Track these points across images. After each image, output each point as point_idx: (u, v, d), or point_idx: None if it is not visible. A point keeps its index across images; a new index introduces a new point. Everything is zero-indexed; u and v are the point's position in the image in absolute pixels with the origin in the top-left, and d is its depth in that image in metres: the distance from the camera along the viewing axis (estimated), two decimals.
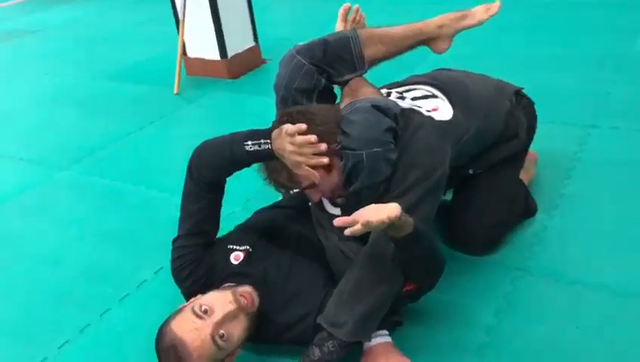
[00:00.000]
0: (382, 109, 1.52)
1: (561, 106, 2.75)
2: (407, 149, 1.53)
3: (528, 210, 2.01)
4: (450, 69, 1.96)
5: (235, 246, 1.67)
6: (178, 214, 1.66)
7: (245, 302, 1.47)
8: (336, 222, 1.30)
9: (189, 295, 1.60)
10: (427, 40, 1.84)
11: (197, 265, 1.63)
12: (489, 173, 1.87)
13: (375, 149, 1.46)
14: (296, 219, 1.76)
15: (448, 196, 1.99)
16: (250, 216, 1.90)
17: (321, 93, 1.75)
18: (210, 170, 1.58)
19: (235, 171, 1.59)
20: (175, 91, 3.60)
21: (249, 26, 3.84)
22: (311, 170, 1.45)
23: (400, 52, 1.83)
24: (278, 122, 1.53)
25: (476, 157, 1.82)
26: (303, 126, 1.42)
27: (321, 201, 1.69)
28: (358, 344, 1.51)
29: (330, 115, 1.55)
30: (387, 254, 1.45)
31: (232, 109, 3.33)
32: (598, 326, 1.57)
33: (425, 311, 1.67)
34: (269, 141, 1.48)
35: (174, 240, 1.66)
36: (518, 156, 1.93)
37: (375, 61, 1.80)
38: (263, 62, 3.94)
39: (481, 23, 1.83)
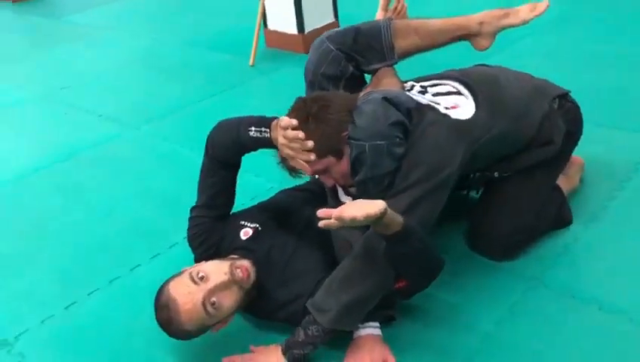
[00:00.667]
0: (393, 102, 1.51)
1: (630, 111, 2.55)
2: (415, 146, 1.51)
3: (561, 219, 1.91)
4: (488, 66, 1.89)
5: (246, 223, 1.74)
6: None
7: (240, 275, 1.54)
8: (320, 212, 1.32)
9: (200, 261, 1.69)
10: (467, 35, 1.80)
11: (208, 235, 1.73)
12: (518, 177, 1.79)
13: (378, 142, 1.46)
14: (311, 203, 1.80)
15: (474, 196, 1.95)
16: None
17: (350, 81, 1.76)
18: (221, 149, 1.66)
19: (243, 153, 1.65)
20: (250, 62, 3.71)
21: (329, 1, 3.85)
22: (303, 163, 1.48)
23: (436, 45, 1.80)
24: (293, 108, 1.57)
25: (502, 160, 1.76)
26: (294, 121, 1.45)
27: (335, 189, 1.72)
28: (345, 332, 1.54)
29: (346, 103, 1.56)
30: (380, 248, 1.46)
31: (301, 85, 3.38)
32: (602, 352, 1.49)
33: (425, 309, 1.67)
34: (268, 130, 1.52)
35: (191, 209, 1.76)
36: (554, 162, 1.83)
37: (408, 52, 1.78)
38: None
39: (524, 23, 1.76)
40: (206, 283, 1.50)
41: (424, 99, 1.64)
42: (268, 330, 1.66)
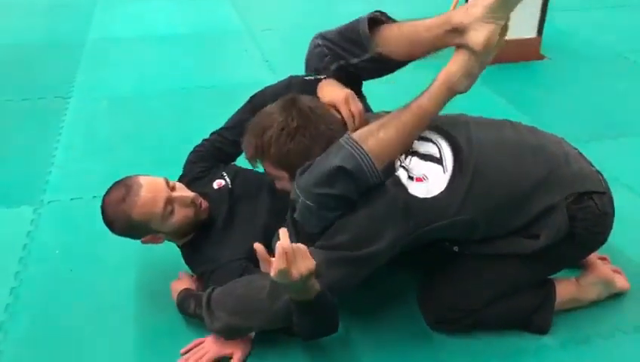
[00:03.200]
0: (354, 176, 1.36)
1: None
2: (355, 208, 1.41)
3: (533, 323, 1.59)
4: (517, 127, 1.58)
5: (225, 175, 1.82)
6: None
7: (200, 204, 1.67)
8: (282, 233, 1.27)
9: (185, 175, 1.86)
10: (457, 31, 1.41)
11: (198, 162, 1.86)
12: (483, 256, 1.55)
13: (309, 203, 1.39)
14: None
15: None
16: None
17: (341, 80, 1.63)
18: (270, 95, 1.69)
19: None
20: None
21: (537, 14, 3.48)
22: None
23: (425, 48, 1.51)
24: (282, 104, 1.52)
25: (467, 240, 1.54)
26: None
27: None
28: None
29: (326, 135, 1.47)
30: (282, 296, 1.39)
31: None
32: None
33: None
34: (323, 77, 1.63)
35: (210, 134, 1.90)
36: (540, 257, 1.50)
37: (389, 47, 1.54)
38: (540, 57, 3.57)
39: None
40: (174, 191, 1.65)
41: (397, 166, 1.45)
42: None
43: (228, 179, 1.82)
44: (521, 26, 3.48)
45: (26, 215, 2.13)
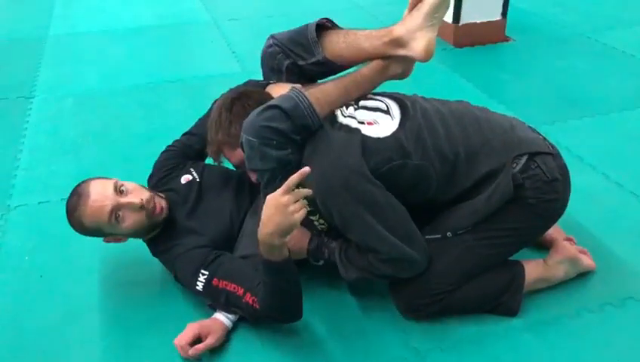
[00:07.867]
0: (290, 114, 1.44)
1: None
2: (314, 155, 1.47)
3: (502, 305, 1.62)
4: (464, 103, 1.68)
5: (193, 171, 1.85)
6: None
7: (153, 208, 1.66)
8: None
9: (156, 171, 1.89)
10: (396, 43, 1.55)
11: (167, 160, 1.89)
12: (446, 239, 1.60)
13: (251, 138, 1.44)
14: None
15: None
16: None
17: (292, 77, 1.70)
18: None
19: None
20: None
21: None
22: None
23: (364, 55, 1.61)
24: (219, 98, 1.67)
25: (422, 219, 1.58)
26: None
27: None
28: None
29: (261, 98, 1.57)
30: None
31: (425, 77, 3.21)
32: None
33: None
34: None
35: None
36: (495, 234, 1.56)
37: (333, 53, 1.64)
38: (505, 39, 3.60)
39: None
40: (123, 196, 1.64)
41: (342, 117, 1.54)
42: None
43: (195, 174, 1.85)
44: (486, 8, 3.52)
45: None
